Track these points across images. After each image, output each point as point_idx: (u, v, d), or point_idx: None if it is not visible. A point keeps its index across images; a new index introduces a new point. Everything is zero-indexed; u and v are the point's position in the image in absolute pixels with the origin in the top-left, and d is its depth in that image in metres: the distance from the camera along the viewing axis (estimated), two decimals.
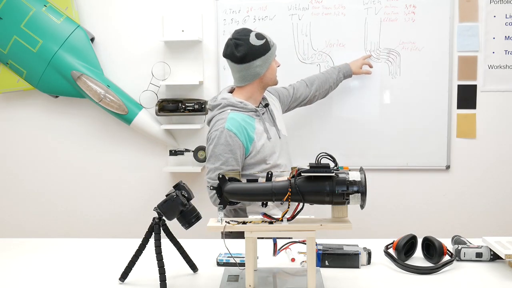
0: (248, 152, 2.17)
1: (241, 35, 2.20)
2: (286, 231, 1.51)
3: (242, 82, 2.26)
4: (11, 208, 3.49)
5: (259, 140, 2.20)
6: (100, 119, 3.38)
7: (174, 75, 3.27)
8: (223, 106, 2.22)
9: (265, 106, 2.33)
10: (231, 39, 2.22)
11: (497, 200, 3.29)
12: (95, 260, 1.86)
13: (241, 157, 2.16)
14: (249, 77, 2.23)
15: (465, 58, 3.19)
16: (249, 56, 2.18)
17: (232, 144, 2.12)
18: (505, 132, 3.24)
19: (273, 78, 2.31)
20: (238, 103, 2.21)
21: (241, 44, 2.17)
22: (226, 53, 2.24)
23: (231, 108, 2.20)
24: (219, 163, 2.12)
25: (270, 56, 2.23)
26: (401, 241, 1.77)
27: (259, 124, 2.23)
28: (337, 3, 3.17)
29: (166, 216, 1.57)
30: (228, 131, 2.13)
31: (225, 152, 2.12)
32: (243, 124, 2.17)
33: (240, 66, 2.21)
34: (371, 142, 3.25)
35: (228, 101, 2.22)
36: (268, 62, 2.24)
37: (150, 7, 3.28)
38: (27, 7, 3.12)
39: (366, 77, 3.20)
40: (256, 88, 2.27)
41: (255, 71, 2.22)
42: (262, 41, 2.19)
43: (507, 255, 1.62)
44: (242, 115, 2.19)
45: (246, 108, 2.22)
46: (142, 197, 3.41)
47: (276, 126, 2.34)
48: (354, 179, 1.47)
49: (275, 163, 2.24)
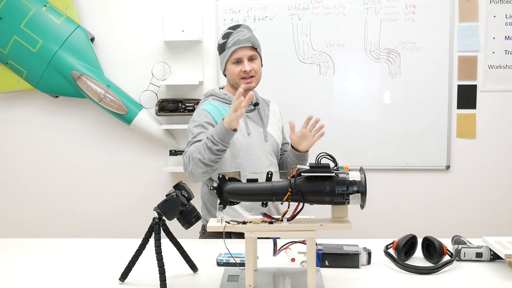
0: None
1: (227, 29, 2.21)
2: (286, 231, 1.51)
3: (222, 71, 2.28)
4: (11, 208, 3.49)
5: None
6: (100, 119, 3.38)
7: (174, 75, 3.28)
8: (208, 95, 2.26)
9: (254, 105, 2.25)
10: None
11: (497, 200, 3.29)
12: (95, 260, 1.86)
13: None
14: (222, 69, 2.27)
15: (465, 58, 3.19)
16: (218, 50, 2.24)
17: (205, 120, 2.11)
18: (505, 132, 3.24)
19: (233, 79, 2.19)
20: (222, 94, 2.23)
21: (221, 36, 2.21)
22: None
23: (213, 97, 2.23)
24: (191, 137, 2.10)
25: (224, 57, 2.18)
26: (401, 241, 1.77)
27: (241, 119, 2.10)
28: (337, 3, 3.17)
29: (166, 216, 1.57)
30: (203, 110, 2.15)
31: (197, 127, 2.10)
32: (221, 110, 2.16)
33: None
34: (371, 142, 3.25)
35: (213, 91, 2.25)
36: (223, 62, 2.20)
37: (150, 7, 3.28)
38: (27, 7, 3.12)
39: (366, 77, 3.20)
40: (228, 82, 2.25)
41: (221, 66, 2.25)
42: (222, 41, 2.18)
43: (507, 255, 1.62)
44: (223, 105, 2.19)
45: (228, 100, 2.20)
46: (142, 197, 3.41)
47: (264, 128, 2.24)
48: (354, 179, 1.47)
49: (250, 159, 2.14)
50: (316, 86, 3.25)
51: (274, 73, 3.21)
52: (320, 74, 3.23)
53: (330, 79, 3.23)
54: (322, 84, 3.24)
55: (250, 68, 2.15)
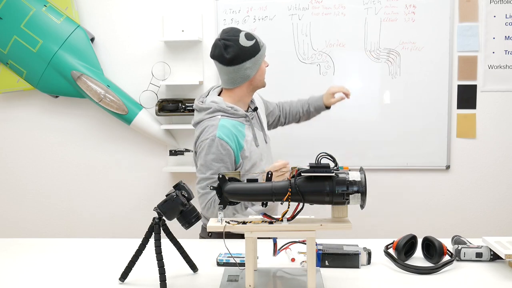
0: (239, 161, 2.09)
1: (230, 36, 2.07)
2: (286, 231, 1.51)
3: (231, 85, 2.14)
4: (11, 208, 3.49)
5: (248, 148, 2.10)
6: (100, 119, 3.38)
7: (174, 75, 3.28)
8: (213, 111, 2.10)
9: (254, 110, 2.24)
10: (220, 40, 2.08)
11: (497, 200, 3.29)
12: (95, 260, 1.86)
13: (231, 165, 2.07)
14: (239, 80, 2.11)
15: (465, 58, 3.19)
16: (239, 58, 2.06)
17: (223, 153, 2.02)
18: (505, 132, 3.24)
19: (262, 80, 2.18)
20: (228, 108, 2.10)
21: (231, 45, 2.05)
22: (214, 54, 2.11)
23: (221, 114, 2.09)
24: (209, 172, 2.03)
25: (260, 57, 2.11)
26: (401, 241, 1.77)
27: (249, 131, 2.14)
28: (337, 3, 3.17)
29: (166, 216, 1.57)
30: (219, 140, 2.02)
31: (216, 161, 2.02)
32: (234, 132, 2.07)
33: (229, 68, 2.08)
34: (371, 142, 3.25)
35: (219, 106, 2.10)
36: (258, 63, 2.11)
37: (150, 7, 3.28)
38: (27, 7, 3.13)
39: (366, 77, 3.21)
40: (246, 91, 2.16)
41: (245, 74, 2.10)
42: (252, 41, 2.07)
43: (507, 255, 1.62)
44: (232, 122, 2.09)
45: (236, 114, 2.11)
46: (142, 197, 3.41)
47: (263, 130, 2.26)
48: (354, 179, 1.47)
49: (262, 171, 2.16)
50: (316, 86, 3.23)
51: (274, 73, 3.19)
52: (320, 74, 3.23)
53: (330, 79, 3.23)
54: (322, 84, 3.23)
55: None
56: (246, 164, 2.09)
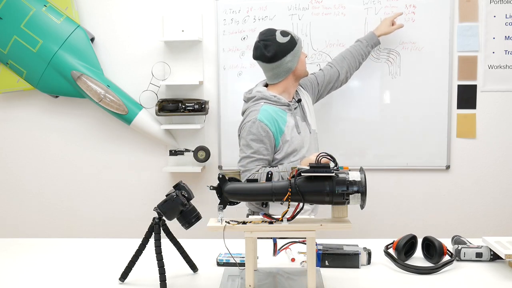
0: (278, 144, 2.27)
1: (267, 36, 2.31)
2: (286, 231, 1.51)
3: (276, 79, 2.37)
4: (11, 208, 3.49)
5: (289, 133, 2.29)
6: (100, 119, 3.38)
7: (174, 75, 3.28)
8: (258, 98, 2.32)
9: (298, 101, 2.43)
10: (259, 41, 2.32)
11: (497, 200, 3.29)
12: (95, 260, 1.86)
13: (271, 147, 2.26)
14: (282, 74, 2.34)
15: (465, 58, 3.19)
16: (279, 54, 2.29)
17: (263, 135, 2.23)
18: (505, 132, 3.24)
19: (304, 69, 2.41)
20: (272, 96, 2.32)
21: (269, 44, 2.28)
22: (256, 55, 2.35)
23: (264, 101, 2.31)
24: (250, 151, 2.23)
25: (298, 50, 2.33)
26: (401, 241, 1.77)
27: (291, 118, 2.33)
28: (337, 3, 3.17)
29: (166, 216, 1.57)
30: (260, 122, 2.23)
31: (255, 141, 2.22)
32: (275, 117, 2.27)
33: (272, 65, 2.32)
34: (371, 142, 3.25)
35: (263, 94, 2.32)
36: (297, 55, 2.33)
37: (150, 7, 3.28)
38: (27, 7, 3.12)
39: (366, 77, 3.20)
40: (290, 82, 2.38)
41: (287, 67, 2.32)
42: (287, 37, 2.30)
43: (507, 255, 1.62)
44: (274, 108, 2.30)
45: (279, 102, 2.32)
46: (142, 197, 3.41)
47: (307, 121, 2.43)
48: (354, 179, 1.47)
49: (303, 157, 2.32)
50: None
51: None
52: None
53: None
54: None
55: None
56: (286, 148, 2.28)
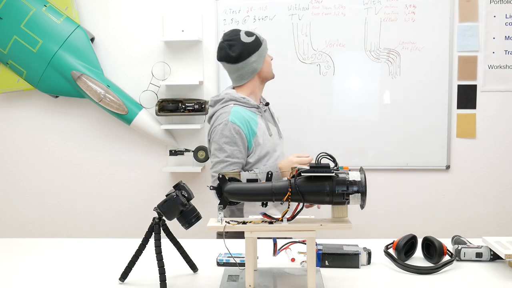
0: (251, 147, 2.18)
1: (231, 36, 2.23)
2: (286, 231, 1.51)
3: (241, 81, 2.27)
4: (11, 208, 3.49)
5: (261, 135, 2.21)
6: (100, 119, 3.38)
7: (174, 75, 3.28)
8: (226, 100, 2.23)
9: (266, 105, 2.36)
10: (223, 42, 2.24)
11: (497, 200, 3.29)
12: (95, 260, 1.86)
13: (245, 150, 2.17)
14: (247, 74, 2.25)
15: (465, 58, 3.19)
16: (244, 54, 2.21)
17: (236, 137, 2.13)
18: (505, 132, 3.24)
19: (269, 71, 2.32)
20: (241, 98, 2.23)
21: (234, 44, 2.20)
22: (221, 56, 2.26)
23: (234, 103, 2.22)
24: (223, 155, 2.13)
25: (263, 50, 2.25)
26: (401, 241, 1.77)
27: (261, 120, 2.26)
28: (337, 3, 3.17)
29: (166, 216, 1.57)
30: (232, 124, 2.14)
31: (229, 144, 2.13)
32: (246, 118, 2.18)
33: (236, 66, 2.23)
34: (371, 142, 3.25)
35: (231, 95, 2.23)
36: (263, 56, 2.25)
37: (150, 7, 3.28)
38: (27, 7, 3.12)
39: (366, 77, 3.21)
40: (256, 84, 2.29)
41: (252, 67, 2.23)
42: (252, 37, 2.22)
43: (507, 255, 1.62)
44: (245, 110, 2.21)
45: (248, 103, 2.23)
46: (142, 197, 3.41)
47: (277, 125, 2.37)
48: (354, 179, 1.47)
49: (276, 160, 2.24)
50: (316, 86, 3.25)
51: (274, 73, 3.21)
52: (320, 74, 3.23)
53: (330, 79, 3.23)
54: (322, 84, 3.24)
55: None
56: (259, 151, 2.18)
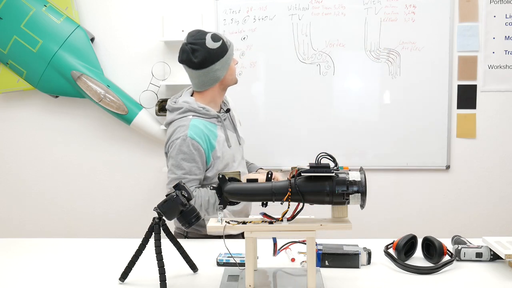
0: (209, 162, 2.08)
1: (196, 39, 2.06)
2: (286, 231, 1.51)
3: (202, 88, 2.13)
4: (11, 208, 3.49)
5: (220, 148, 2.10)
6: (100, 119, 3.38)
7: (174, 75, 3.28)
8: (185, 111, 2.10)
9: (226, 111, 2.22)
10: (186, 44, 2.08)
11: (497, 200, 3.29)
12: (95, 260, 1.86)
13: (203, 165, 2.06)
14: (209, 82, 2.11)
15: (465, 58, 3.19)
16: (207, 61, 2.05)
17: (194, 153, 2.02)
18: (505, 132, 3.24)
19: (233, 78, 2.17)
20: (200, 108, 2.10)
21: (197, 49, 2.04)
22: (182, 59, 2.09)
23: (193, 114, 2.09)
24: (181, 172, 2.02)
25: (228, 57, 2.10)
26: (401, 241, 1.77)
27: (221, 131, 2.13)
28: (337, 3, 3.17)
29: (166, 216, 1.57)
30: (190, 139, 2.02)
31: (187, 161, 2.02)
32: (206, 132, 2.06)
33: (198, 72, 2.07)
34: (371, 142, 3.25)
35: (190, 105, 2.09)
36: (227, 64, 2.10)
37: (150, 7, 3.28)
38: (27, 7, 3.12)
39: (366, 77, 3.21)
40: (217, 91, 2.15)
41: (215, 75, 2.09)
42: (218, 43, 2.05)
43: (507, 255, 1.62)
44: (204, 122, 2.08)
45: (208, 114, 2.10)
46: (142, 197, 3.41)
47: (237, 132, 2.25)
48: (354, 179, 1.47)
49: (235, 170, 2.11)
50: (316, 86, 3.24)
51: (274, 73, 3.22)
52: (320, 74, 3.23)
53: (330, 79, 3.23)
54: (322, 84, 3.24)
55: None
56: (218, 164, 2.09)
